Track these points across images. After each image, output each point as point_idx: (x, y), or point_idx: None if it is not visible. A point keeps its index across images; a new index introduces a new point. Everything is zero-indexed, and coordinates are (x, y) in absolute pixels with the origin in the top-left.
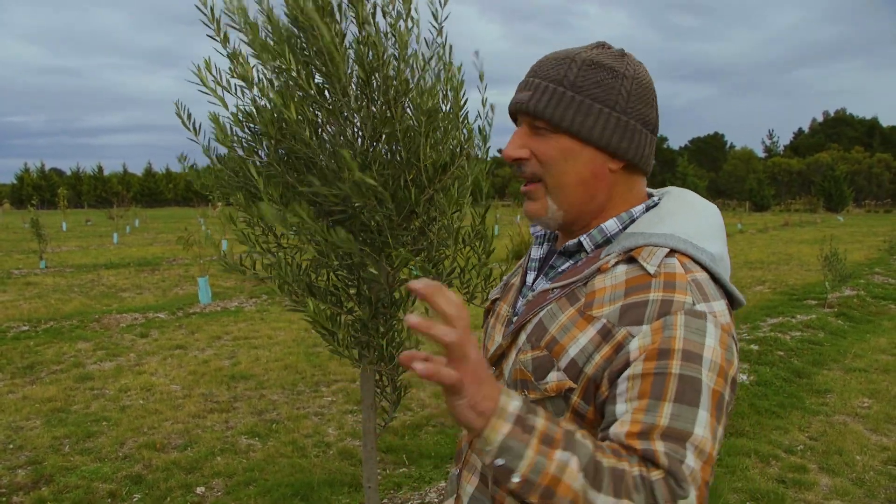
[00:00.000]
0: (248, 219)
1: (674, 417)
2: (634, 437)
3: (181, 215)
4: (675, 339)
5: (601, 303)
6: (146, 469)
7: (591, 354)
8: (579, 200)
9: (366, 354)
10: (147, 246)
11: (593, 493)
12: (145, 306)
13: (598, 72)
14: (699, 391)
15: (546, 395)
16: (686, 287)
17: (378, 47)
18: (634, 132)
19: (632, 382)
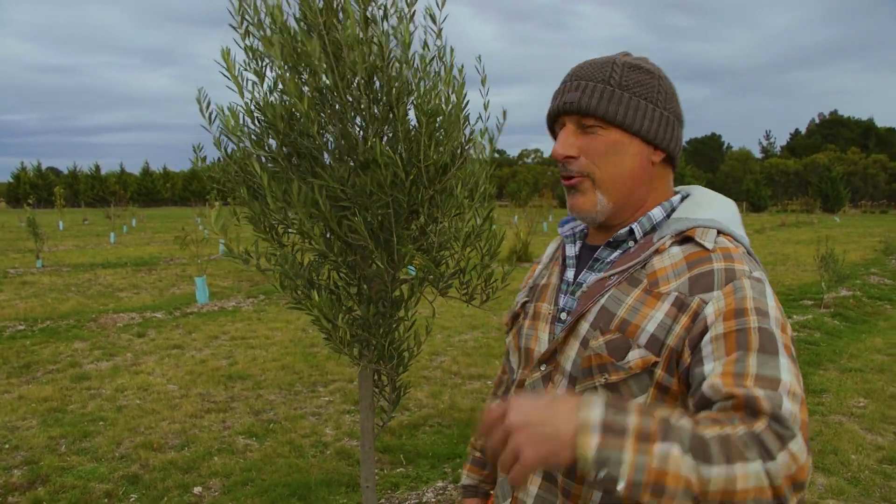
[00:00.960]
0: (252, 216)
1: (762, 365)
2: (732, 385)
3: (178, 215)
4: (746, 298)
5: (666, 280)
6: (143, 469)
7: (671, 327)
8: (627, 192)
9: (366, 353)
10: (144, 245)
11: (706, 469)
12: (142, 306)
13: (639, 73)
14: (776, 342)
15: (630, 373)
16: (742, 258)
17: (383, 48)
18: (671, 125)
19: (716, 343)
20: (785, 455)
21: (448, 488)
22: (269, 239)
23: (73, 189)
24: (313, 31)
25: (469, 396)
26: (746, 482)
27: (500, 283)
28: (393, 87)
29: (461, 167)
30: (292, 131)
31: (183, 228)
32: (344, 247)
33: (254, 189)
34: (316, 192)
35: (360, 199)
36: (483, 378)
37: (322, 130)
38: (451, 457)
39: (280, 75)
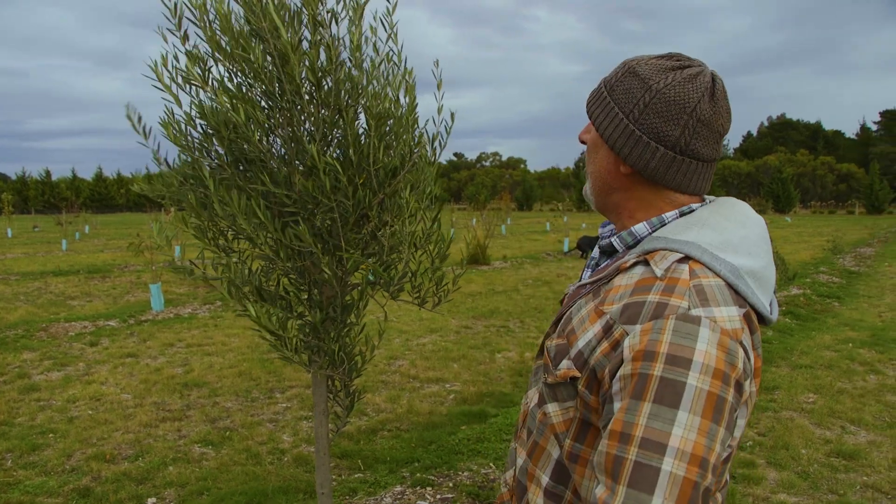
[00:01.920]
0: (199, 224)
1: (651, 417)
2: (614, 441)
3: (133, 221)
4: (661, 342)
5: (612, 300)
6: (95, 481)
7: (594, 347)
8: (601, 192)
9: (316, 360)
10: (98, 252)
11: None
12: (95, 314)
13: (631, 80)
14: (681, 393)
15: (557, 380)
16: (685, 292)
17: (332, 51)
18: (639, 142)
19: (622, 382)
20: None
21: (406, 493)
22: (214, 249)
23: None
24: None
25: (427, 400)
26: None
27: (451, 287)
28: (342, 90)
29: (411, 170)
30: (238, 137)
31: (138, 235)
32: (292, 252)
33: (202, 197)
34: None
35: (306, 204)
36: (441, 381)
37: (271, 135)
38: (409, 461)
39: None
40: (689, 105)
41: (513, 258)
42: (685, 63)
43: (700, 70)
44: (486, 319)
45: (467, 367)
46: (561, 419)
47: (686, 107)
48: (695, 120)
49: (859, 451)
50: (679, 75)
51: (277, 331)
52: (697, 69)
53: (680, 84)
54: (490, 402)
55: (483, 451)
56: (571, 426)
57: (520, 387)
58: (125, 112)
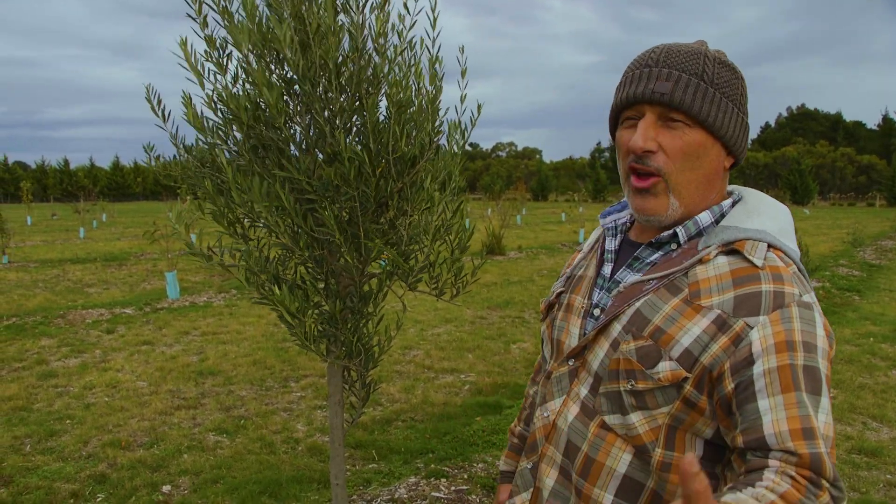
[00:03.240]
0: (215, 210)
1: (814, 409)
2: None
3: (149, 209)
4: (794, 330)
5: (709, 293)
6: (111, 468)
7: (708, 344)
8: (701, 196)
9: (333, 349)
10: (114, 240)
11: None
12: (112, 302)
13: (728, 72)
14: (820, 380)
15: (658, 384)
16: (792, 279)
17: (355, 37)
18: (747, 131)
19: (768, 378)
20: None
21: (420, 484)
22: (233, 234)
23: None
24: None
25: (442, 391)
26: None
27: (469, 278)
28: (363, 77)
29: (431, 160)
30: (258, 123)
31: (154, 223)
32: (311, 241)
33: (218, 183)
34: (278, 186)
35: (326, 192)
36: (456, 372)
37: (289, 121)
38: (423, 452)
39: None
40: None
41: (528, 248)
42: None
43: None
44: (501, 310)
45: (482, 357)
46: (648, 428)
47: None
48: None
49: (882, 448)
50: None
51: (299, 314)
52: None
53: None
54: (505, 394)
55: (498, 442)
56: (660, 434)
57: None
58: (144, 95)
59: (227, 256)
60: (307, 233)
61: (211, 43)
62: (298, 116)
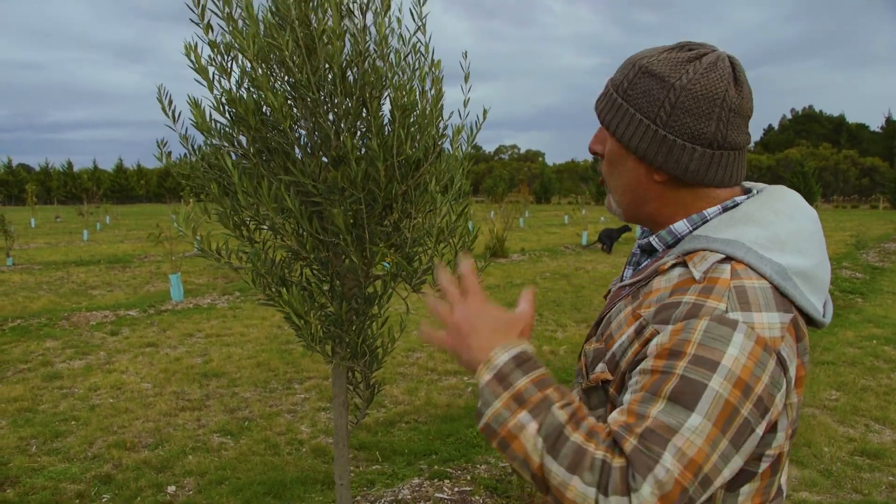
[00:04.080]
0: (222, 212)
1: (663, 413)
2: (621, 423)
3: (153, 212)
4: (689, 342)
5: (649, 303)
6: (116, 469)
7: (626, 350)
8: (629, 203)
9: (338, 350)
10: (118, 243)
11: (549, 459)
12: (116, 304)
13: (649, 80)
14: (699, 396)
15: (591, 384)
16: (724, 294)
17: (359, 42)
18: (674, 147)
19: (639, 377)
20: (620, 500)
21: (424, 485)
22: (239, 236)
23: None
24: (286, 24)
25: (445, 392)
26: (574, 495)
27: None
28: (367, 81)
29: (434, 162)
30: (263, 126)
31: (157, 225)
32: (316, 243)
33: (224, 185)
34: (283, 189)
35: (331, 195)
36: (459, 374)
37: (294, 125)
38: (426, 453)
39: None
40: (717, 96)
41: (531, 251)
42: (699, 51)
43: (717, 55)
44: None
45: None
46: None
47: (716, 99)
48: (726, 110)
49: (884, 450)
50: (699, 66)
51: (306, 315)
52: (713, 55)
53: (703, 76)
54: None
55: None
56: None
57: None
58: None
59: (233, 258)
60: (312, 235)
61: (215, 48)
62: (303, 120)
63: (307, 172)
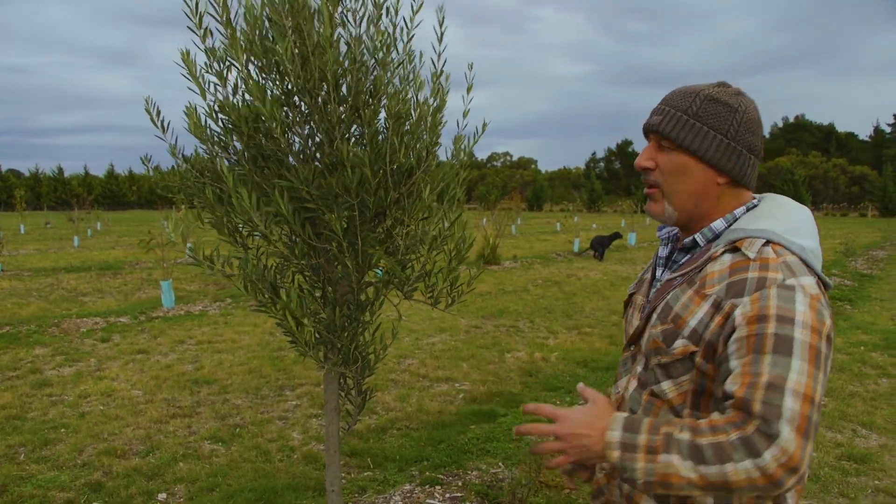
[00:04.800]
0: (215, 219)
1: (772, 366)
2: (741, 386)
3: (145, 218)
4: (769, 306)
5: (711, 283)
6: (106, 476)
7: (708, 323)
8: (690, 205)
9: (330, 356)
10: (109, 249)
11: (703, 468)
12: (107, 310)
13: (717, 106)
14: (791, 345)
15: (674, 357)
16: (777, 267)
17: (353, 50)
18: (739, 155)
19: (738, 344)
20: (773, 450)
21: (415, 491)
22: (233, 242)
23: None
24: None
25: (437, 399)
26: (738, 475)
27: (465, 287)
28: (362, 89)
29: (428, 170)
30: (257, 133)
31: (149, 232)
32: (307, 249)
33: (218, 192)
34: (277, 196)
35: (325, 201)
36: (451, 381)
37: (288, 132)
38: (418, 460)
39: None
40: (760, 120)
41: (523, 258)
42: (737, 89)
43: (745, 93)
44: (495, 319)
45: (477, 366)
46: (676, 393)
47: (759, 122)
48: (762, 130)
49: (871, 455)
50: (746, 99)
51: (302, 318)
52: (746, 93)
53: (750, 104)
54: (499, 402)
55: (492, 450)
56: (687, 398)
57: (529, 387)
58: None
59: (225, 265)
60: (305, 241)
61: (212, 54)
62: (297, 127)
63: (301, 178)
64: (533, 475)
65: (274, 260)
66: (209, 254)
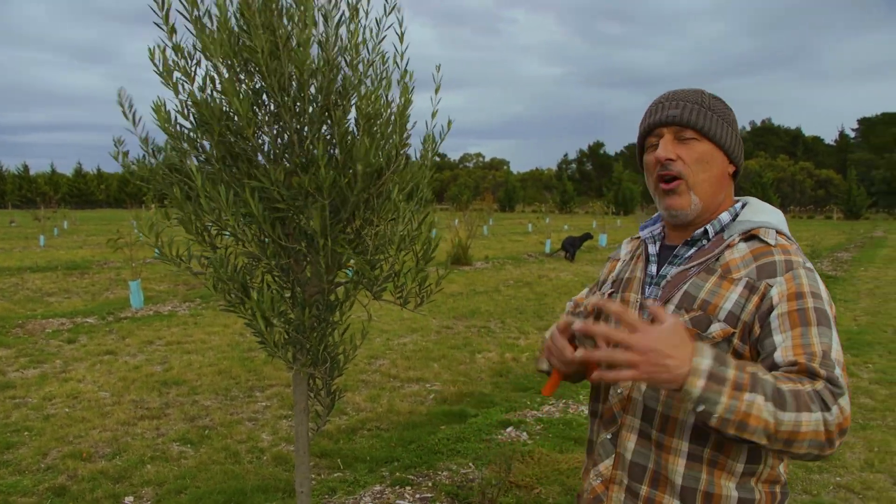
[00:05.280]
0: (184, 217)
1: (821, 336)
2: (797, 354)
3: (113, 217)
4: (803, 284)
5: (737, 268)
6: (71, 480)
7: (744, 305)
8: (712, 195)
9: (299, 357)
10: (76, 249)
11: (780, 413)
12: (73, 311)
13: (720, 103)
14: (829, 317)
15: (714, 341)
16: (796, 252)
17: (326, 50)
18: (741, 146)
19: (781, 319)
20: (836, 408)
21: (385, 492)
22: (201, 241)
23: None
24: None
25: (407, 399)
26: (808, 426)
27: (434, 287)
28: (333, 89)
29: (397, 171)
30: (228, 132)
31: (118, 231)
32: (278, 249)
33: (186, 191)
34: (248, 195)
35: (296, 201)
36: (421, 381)
37: (258, 131)
38: (388, 460)
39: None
40: None
41: (494, 259)
42: None
43: None
44: (466, 320)
45: (447, 367)
46: None
47: None
48: None
49: (833, 453)
50: None
51: (272, 319)
52: None
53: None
54: (470, 402)
55: (462, 450)
56: None
57: (500, 387)
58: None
59: (195, 264)
60: (275, 241)
61: (179, 51)
62: (267, 126)
63: (271, 178)
64: (503, 475)
65: (243, 259)
66: (179, 252)
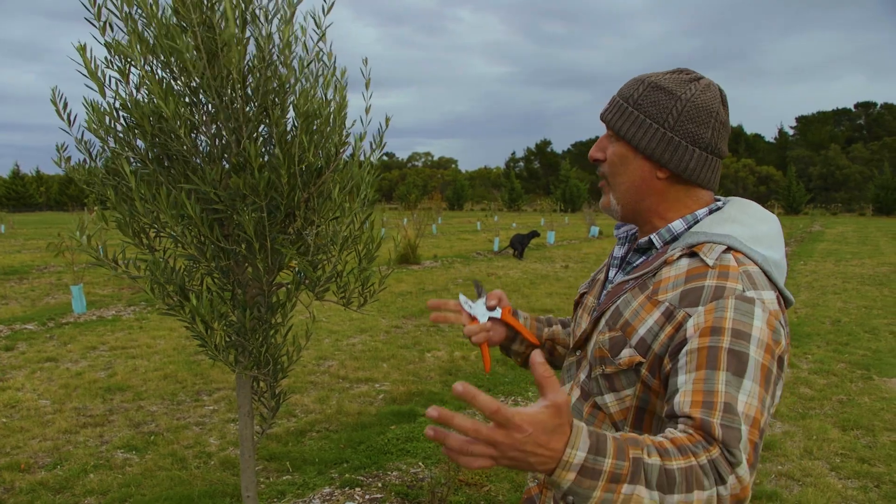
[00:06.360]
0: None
1: (726, 384)
2: (694, 406)
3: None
4: (725, 318)
5: (665, 289)
6: (7, 493)
7: (657, 333)
8: (632, 200)
9: (241, 360)
10: (14, 253)
11: (667, 497)
12: (11, 317)
13: (658, 94)
14: (746, 364)
15: (620, 368)
16: (738, 276)
17: (262, 49)
18: (678, 147)
19: (689, 357)
20: (733, 478)
21: (335, 494)
22: (139, 244)
23: None
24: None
25: (356, 400)
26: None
27: (377, 287)
28: (270, 88)
29: (337, 170)
30: (161, 133)
31: (59, 234)
32: (217, 251)
33: (122, 192)
34: (184, 197)
35: (233, 202)
36: (371, 381)
37: (194, 132)
38: (337, 462)
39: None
40: (713, 110)
41: (443, 257)
42: (696, 75)
43: (709, 81)
44: (416, 319)
45: (397, 366)
46: (618, 409)
47: (711, 111)
48: (718, 122)
49: (774, 442)
50: (698, 85)
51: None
52: (707, 80)
53: (702, 92)
54: (420, 402)
55: (412, 450)
56: (629, 415)
57: (449, 386)
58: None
59: (132, 267)
60: (213, 243)
61: (112, 49)
62: (204, 126)
63: (208, 180)
64: (452, 473)
65: (182, 262)
66: (115, 254)
